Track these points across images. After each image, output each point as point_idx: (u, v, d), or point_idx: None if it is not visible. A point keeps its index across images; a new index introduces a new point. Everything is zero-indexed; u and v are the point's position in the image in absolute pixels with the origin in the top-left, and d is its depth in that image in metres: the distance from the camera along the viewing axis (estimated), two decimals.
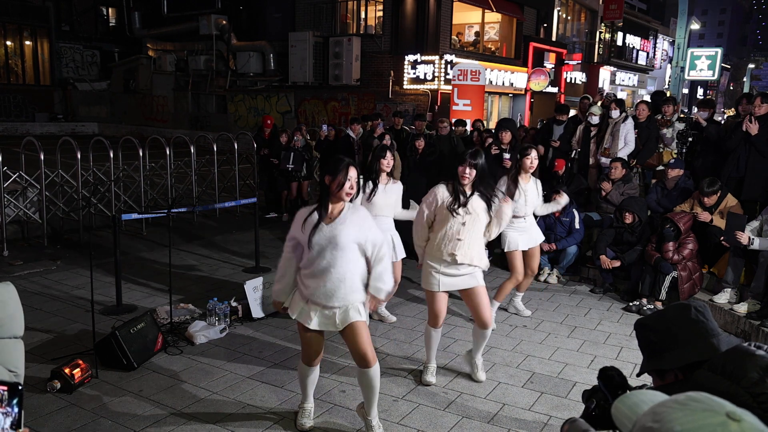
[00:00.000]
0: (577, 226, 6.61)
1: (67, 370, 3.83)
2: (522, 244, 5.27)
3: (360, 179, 4.92)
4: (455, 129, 8.94)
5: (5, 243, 7.08)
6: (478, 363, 4.24)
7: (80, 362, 3.94)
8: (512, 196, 5.00)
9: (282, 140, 9.60)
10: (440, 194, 3.92)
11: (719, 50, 24.60)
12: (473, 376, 4.22)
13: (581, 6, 26.43)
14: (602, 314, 5.70)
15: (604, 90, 25.16)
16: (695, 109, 8.55)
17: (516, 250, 5.25)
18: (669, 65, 30.30)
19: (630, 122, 7.75)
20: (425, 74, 17.46)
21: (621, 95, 24.59)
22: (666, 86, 30.02)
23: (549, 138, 8.74)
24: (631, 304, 5.83)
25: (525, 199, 5.15)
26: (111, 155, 8.08)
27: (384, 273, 3.29)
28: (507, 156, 7.03)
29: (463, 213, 3.85)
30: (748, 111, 6.42)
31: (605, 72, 27.65)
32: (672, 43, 32.88)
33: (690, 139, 7.51)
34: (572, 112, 9.80)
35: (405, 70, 17.84)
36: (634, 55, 31.73)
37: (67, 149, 7.91)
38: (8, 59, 26.27)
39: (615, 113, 7.74)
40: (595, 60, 27.36)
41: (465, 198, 3.86)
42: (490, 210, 3.93)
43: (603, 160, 7.85)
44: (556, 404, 3.89)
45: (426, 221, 4.00)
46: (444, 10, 17.88)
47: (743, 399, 1.39)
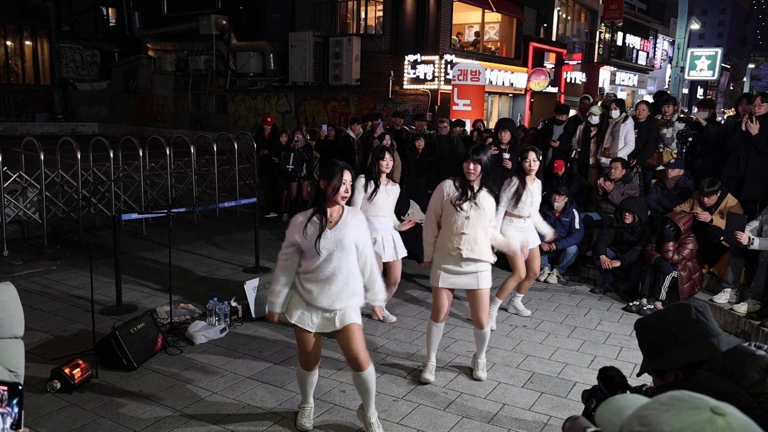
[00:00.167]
0: (577, 226, 6.61)
1: (67, 370, 3.83)
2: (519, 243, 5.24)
3: (361, 179, 4.98)
4: (453, 129, 8.95)
5: (5, 243, 7.08)
6: (480, 362, 4.26)
7: (80, 362, 3.94)
8: (520, 198, 5.05)
9: (282, 140, 9.60)
10: (447, 189, 3.99)
11: (719, 50, 24.60)
12: (473, 375, 4.22)
13: (581, 6, 26.43)
14: (602, 314, 5.70)
15: (605, 90, 25.19)
16: (695, 109, 8.54)
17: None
18: (669, 65, 30.29)
19: (630, 122, 7.76)
20: (425, 74, 17.46)
21: (621, 95, 24.58)
22: (666, 86, 30.02)
23: (549, 138, 8.74)
24: (631, 304, 5.83)
25: (531, 200, 5.17)
26: (111, 155, 8.08)
27: (376, 280, 3.40)
28: (507, 156, 7.03)
29: (468, 207, 3.90)
30: (748, 111, 6.42)
31: (605, 72, 27.66)
32: (672, 43, 32.88)
33: (690, 139, 7.52)
34: (572, 112, 9.80)
35: (405, 70, 17.84)
36: (634, 55, 31.73)
37: (67, 149, 7.91)
38: (8, 59, 26.28)
39: (615, 113, 7.75)
40: (595, 60, 27.36)
41: (472, 193, 3.91)
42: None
43: (603, 160, 7.85)
44: (556, 404, 3.89)
45: (434, 216, 4.07)
46: (444, 10, 17.88)
47: (743, 399, 1.39)
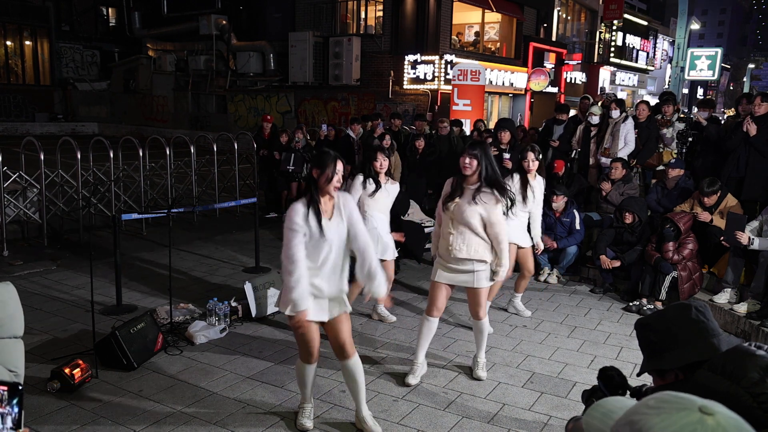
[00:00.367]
0: (578, 227, 6.60)
1: (67, 370, 3.82)
2: (512, 237, 5.14)
3: (359, 177, 4.96)
4: (453, 129, 8.95)
5: (5, 243, 7.08)
6: (480, 361, 4.25)
7: (80, 362, 3.93)
8: (525, 197, 5.10)
9: (282, 140, 9.60)
10: (445, 188, 4.01)
11: (719, 50, 24.64)
12: (473, 374, 4.22)
13: (581, 6, 26.43)
14: (602, 314, 5.70)
15: (605, 89, 25.19)
16: (695, 109, 8.54)
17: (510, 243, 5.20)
18: (669, 65, 30.33)
19: (630, 122, 7.76)
20: (425, 74, 17.46)
21: (621, 95, 24.58)
22: (666, 86, 30.05)
23: (549, 138, 8.74)
24: (631, 304, 5.83)
25: (533, 196, 5.18)
26: (111, 155, 8.08)
27: (377, 271, 3.27)
28: (507, 156, 7.03)
29: (452, 206, 3.89)
30: (748, 111, 6.42)
31: (605, 72, 27.66)
32: (672, 43, 32.89)
33: (690, 139, 7.52)
34: (572, 112, 9.80)
35: (405, 70, 17.84)
36: (634, 55, 31.72)
37: (67, 149, 7.91)
38: (8, 59, 26.28)
39: (615, 113, 7.75)
40: (595, 60, 27.36)
41: (461, 191, 3.87)
42: (492, 201, 3.79)
43: (603, 160, 7.85)
44: (556, 404, 3.89)
45: (438, 213, 4.11)
46: (444, 10, 17.88)
47: (743, 399, 1.39)
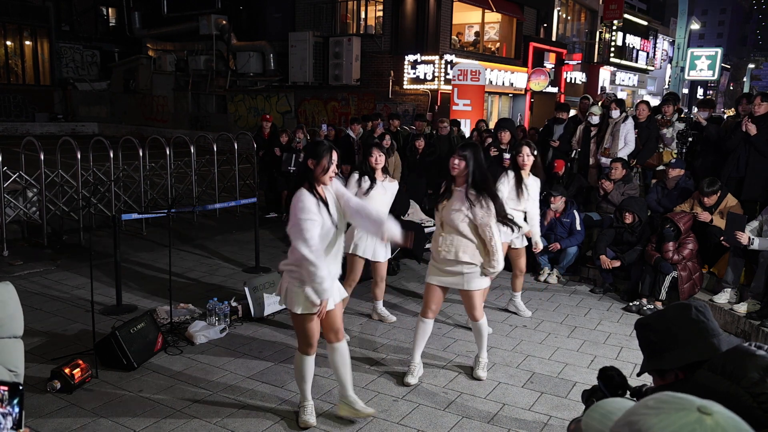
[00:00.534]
0: (578, 228, 6.60)
1: (67, 370, 3.83)
2: (504, 236, 5.14)
3: (355, 174, 4.94)
4: (453, 129, 8.96)
5: (5, 243, 7.08)
6: (481, 361, 4.25)
7: (80, 362, 3.94)
8: (519, 194, 5.09)
9: (282, 140, 9.60)
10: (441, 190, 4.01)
11: (719, 50, 24.63)
12: (473, 374, 4.22)
13: (581, 6, 26.43)
14: (602, 314, 5.70)
15: (605, 89, 25.18)
16: (695, 109, 8.55)
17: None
18: (669, 65, 30.32)
19: (630, 122, 7.76)
20: (425, 74, 17.46)
21: (621, 95, 24.59)
22: (666, 86, 30.05)
23: (549, 138, 8.74)
24: (631, 304, 5.83)
25: (527, 194, 5.16)
26: (111, 155, 8.08)
27: (382, 215, 3.27)
28: (507, 156, 7.02)
29: (441, 208, 3.91)
30: (748, 111, 6.42)
31: (605, 72, 27.65)
32: (672, 43, 32.88)
33: (690, 139, 7.52)
34: (572, 112, 9.80)
35: (405, 70, 17.83)
36: (634, 55, 31.71)
37: (67, 149, 7.91)
38: (8, 59, 26.26)
39: (615, 113, 7.75)
40: (595, 60, 27.35)
41: (449, 193, 3.88)
42: (478, 205, 3.73)
43: (603, 160, 7.85)
44: (556, 404, 3.89)
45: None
46: (444, 10, 17.87)
47: (743, 399, 1.39)
